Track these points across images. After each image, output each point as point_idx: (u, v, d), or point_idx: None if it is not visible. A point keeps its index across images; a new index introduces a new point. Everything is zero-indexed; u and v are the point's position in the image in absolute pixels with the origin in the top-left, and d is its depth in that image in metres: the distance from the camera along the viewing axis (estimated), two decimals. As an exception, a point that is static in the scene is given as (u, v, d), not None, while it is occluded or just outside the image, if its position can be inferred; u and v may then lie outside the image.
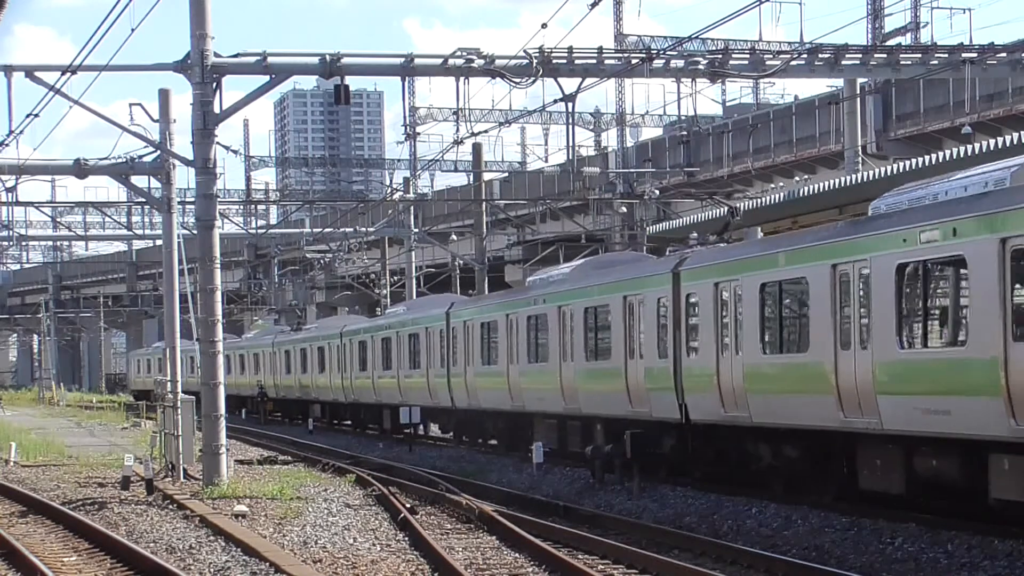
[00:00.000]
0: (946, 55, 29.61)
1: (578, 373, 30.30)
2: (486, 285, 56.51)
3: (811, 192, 34.94)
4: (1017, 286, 16.97)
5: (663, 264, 27.04)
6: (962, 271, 17.94)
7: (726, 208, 28.95)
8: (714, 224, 32.67)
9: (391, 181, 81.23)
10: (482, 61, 27.44)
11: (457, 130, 34.86)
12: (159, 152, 32.19)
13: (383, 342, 46.46)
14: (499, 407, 35.93)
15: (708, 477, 25.75)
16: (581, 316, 30.05)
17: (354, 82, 30.88)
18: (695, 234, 27.55)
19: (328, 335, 55.10)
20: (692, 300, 25.16)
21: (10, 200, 43.43)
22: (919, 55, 29.96)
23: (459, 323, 38.24)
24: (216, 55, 26.97)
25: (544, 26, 27.17)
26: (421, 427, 45.71)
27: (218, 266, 28.04)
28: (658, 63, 28.36)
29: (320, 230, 71.56)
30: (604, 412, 29.15)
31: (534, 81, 27.43)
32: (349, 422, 55.06)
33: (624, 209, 60.32)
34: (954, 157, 31.03)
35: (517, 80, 27.41)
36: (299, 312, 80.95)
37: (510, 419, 35.93)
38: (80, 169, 34.10)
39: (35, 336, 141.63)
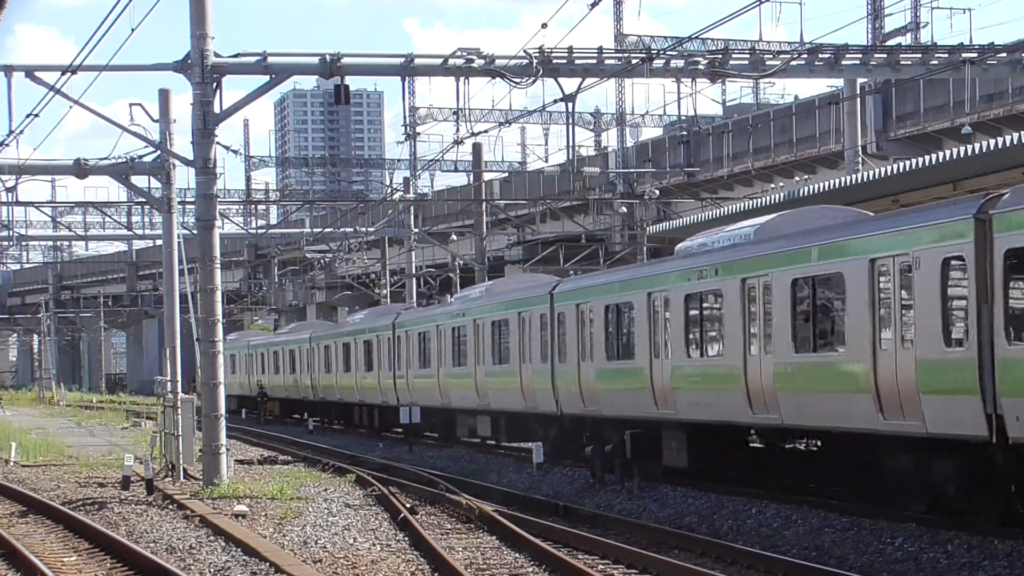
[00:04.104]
0: (946, 55, 29.62)
1: None
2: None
3: (811, 192, 34.95)
4: None
5: None
6: None
7: None
8: None
9: (391, 181, 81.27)
10: (482, 61, 27.44)
11: (457, 130, 34.86)
12: (159, 152, 32.18)
13: (643, 307, 26.91)
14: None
15: None
16: None
17: (354, 82, 30.89)
18: None
19: (502, 303, 35.61)
20: None
21: (10, 200, 43.46)
22: (919, 55, 29.97)
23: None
24: (216, 55, 26.97)
25: (544, 26, 27.19)
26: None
27: (218, 266, 28.04)
28: (658, 63, 28.37)
29: (320, 230, 71.58)
30: None
31: (534, 81, 27.44)
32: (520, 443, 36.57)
33: (624, 209, 60.38)
34: (954, 157, 31.06)
35: (517, 80, 27.42)
36: (429, 291, 60.69)
37: None
38: (80, 169, 34.09)
39: (35, 336, 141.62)
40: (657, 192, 57.71)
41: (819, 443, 24.17)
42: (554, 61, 27.47)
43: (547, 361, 31.87)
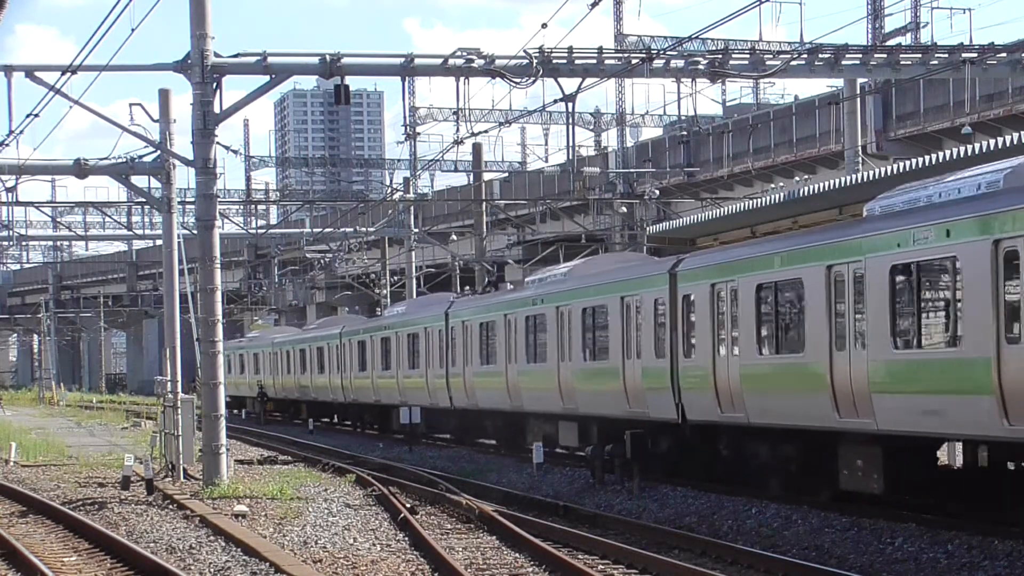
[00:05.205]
0: (946, 55, 29.62)
1: None
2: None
3: (811, 192, 34.95)
4: None
5: None
6: None
7: None
8: None
9: (391, 181, 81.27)
10: (482, 61, 27.45)
11: (457, 130, 34.86)
12: (159, 152, 32.19)
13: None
14: None
15: None
16: None
17: (354, 82, 30.91)
18: None
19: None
20: None
21: (10, 200, 43.46)
22: (919, 55, 29.98)
23: None
24: (216, 55, 26.98)
25: (544, 26, 27.21)
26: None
27: (218, 266, 28.04)
28: (658, 63, 28.37)
29: (320, 230, 71.59)
30: None
31: (534, 81, 27.45)
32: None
33: (624, 209, 60.37)
34: (954, 157, 31.06)
35: (517, 80, 27.43)
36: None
37: None
38: (80, 169, 34.10)
39: (35, 336, 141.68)
40: (657, 192, 57.71)
41: None
42: (554, 61, 27.48)
43: (664, 356, 26.25)
